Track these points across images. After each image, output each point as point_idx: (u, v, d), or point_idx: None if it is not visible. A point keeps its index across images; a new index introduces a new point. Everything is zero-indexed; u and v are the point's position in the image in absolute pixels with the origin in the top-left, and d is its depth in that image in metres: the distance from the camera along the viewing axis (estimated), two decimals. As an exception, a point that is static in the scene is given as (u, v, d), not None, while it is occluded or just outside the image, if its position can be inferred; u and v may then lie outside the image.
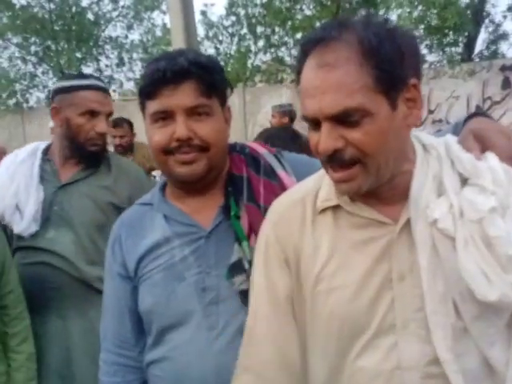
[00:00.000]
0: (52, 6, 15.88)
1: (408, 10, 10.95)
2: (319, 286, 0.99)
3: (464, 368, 0.89)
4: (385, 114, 0.88)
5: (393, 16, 15.26)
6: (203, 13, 16.69)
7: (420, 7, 11.09)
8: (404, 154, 0.96)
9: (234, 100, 6.76)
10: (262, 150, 1.32)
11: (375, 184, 0.94)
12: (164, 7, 18.62)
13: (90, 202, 2.03)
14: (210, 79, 1.19)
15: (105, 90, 2.09)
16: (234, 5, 15.82)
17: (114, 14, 17.95)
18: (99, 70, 17.80)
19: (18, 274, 1.86)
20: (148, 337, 1.31)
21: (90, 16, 17.15)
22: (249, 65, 14.83)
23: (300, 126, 5.52)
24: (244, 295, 1.15)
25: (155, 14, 19.57)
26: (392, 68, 0.86)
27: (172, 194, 1.33)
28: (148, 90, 1.21)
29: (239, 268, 1.17)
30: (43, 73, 17.28)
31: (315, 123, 0.92)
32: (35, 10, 15.54)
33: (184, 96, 1.16)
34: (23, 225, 1.97)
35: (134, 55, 18.75)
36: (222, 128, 1.25)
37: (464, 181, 0.93)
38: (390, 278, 0.94)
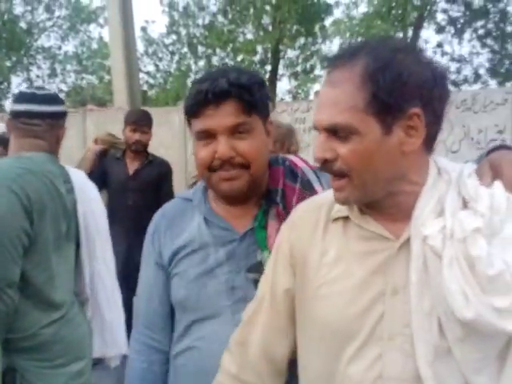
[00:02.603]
0: (-18, 11, 15.14)
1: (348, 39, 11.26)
2: (321, 290, 1.04)
3: None
4: (374, 136, 0.92)
5: (335, 45, 15.75)
6: (143, 29, 16.51)
7: (360, 38, 11.42)
8: (402, 176, 0.98)
9: (174, 118, 6.58)
10: (301, 164, 1.42)
11: (364, 199, 1.00)
12: (101, 20, 18.32)
13: None
14: (250, 99, 1.25)
15: None
16: (175, 24, 15.75)
17: (48, 23, 17.38)
18: (29, 79, 17.10)
19: None
20: (176, 328, 1.41)
21: (23, 24, 16.51)
22: (189, 84, 14.72)
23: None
24: (257, 284, 1.24)
25: (92, 26, 19.11)
26: (387, 95, 0.90)
27: (213, 198, 1.41)
28: (192, 109, 1.28)
29: (258, 268, 1.28)
30: (-32, 79, 16.37)
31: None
32: (-37, 14, 14.75)
33: (224, 116, 1.24)
34: None
35: (68, 67, 18.22)
36: (263, 143, 1.32)
37: (465, 205, 0.95)
38: (384, 292, 0.97)
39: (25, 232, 1.79)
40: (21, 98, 2.01)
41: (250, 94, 1.25)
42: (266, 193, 1.37)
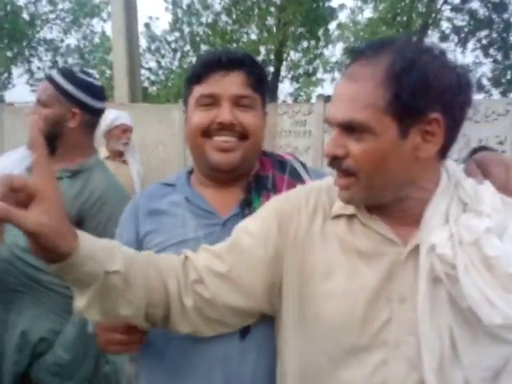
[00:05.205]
0: (-16, 1, 15.07)
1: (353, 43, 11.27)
2: (324, 285, 0.99)
3: None
4: (389, 138, 0.89)
5: (338, 49, 15.78)
6: (147, 25, 16.47)
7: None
8: (413, 182, 0.95)
9: (175, 115, 6.53)
10: (289, 157, 1.40)
11: (369, 201, 0.98)
12: (104, 15, 18.28)
13: None
14: (259, 73, 1.27)
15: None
16: (179, 21, 15.72)
17: (51, 16, 17.33)
18: (30, 71, 17.02)
19: None
20: None
21: (26, 16, 16.44)
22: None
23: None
24: None
25: (95, 20, 19.06)
26: (409, 97, 0.86)
27: (197, 182, 1.37)
28: (198, 73, 1.25)
29: None
30: (-32, 69, 16.29)
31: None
32: (-35, 3, 14.68)
33: (232, 84, 1.23)
34: None
35: (70, 60, 18.16)
36: (261, 123, 1.31)
37: (464, 207, 0.94)
38: (390, 298, 0.95)
39: None
40: (99, 95, 1.88)
41: (259, 70, 1.28)
42: (254, 179, 1.32)
